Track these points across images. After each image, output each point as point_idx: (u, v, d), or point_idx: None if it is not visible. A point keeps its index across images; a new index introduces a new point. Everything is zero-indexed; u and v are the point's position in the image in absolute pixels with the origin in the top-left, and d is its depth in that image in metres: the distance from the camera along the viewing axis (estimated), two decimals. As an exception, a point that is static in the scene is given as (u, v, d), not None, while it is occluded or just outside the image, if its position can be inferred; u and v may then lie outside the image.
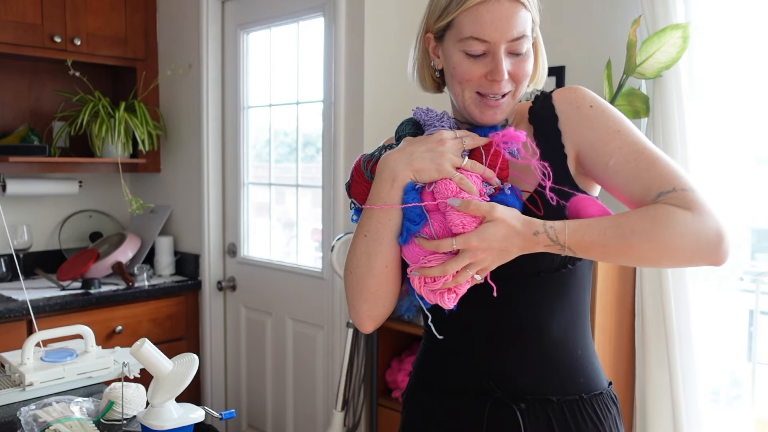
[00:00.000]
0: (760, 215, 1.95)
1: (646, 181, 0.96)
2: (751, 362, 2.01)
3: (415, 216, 0.97)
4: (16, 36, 2.70)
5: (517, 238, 0.93)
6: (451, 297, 0.97)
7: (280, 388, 2.84)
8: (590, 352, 1.09)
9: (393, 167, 0.99)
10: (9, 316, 2.44)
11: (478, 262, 0.94)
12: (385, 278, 1.03)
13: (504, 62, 0.99)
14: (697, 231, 0.91)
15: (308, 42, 2.66)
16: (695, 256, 0.92)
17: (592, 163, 1.02)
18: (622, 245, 0.91)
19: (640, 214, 0.93)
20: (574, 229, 0.92)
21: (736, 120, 1.88)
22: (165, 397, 1.21)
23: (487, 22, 0.97)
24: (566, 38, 2.13)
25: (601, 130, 1.01)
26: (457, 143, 0.98)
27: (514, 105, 1.05)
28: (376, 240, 1.01)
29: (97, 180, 3.27)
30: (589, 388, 1.06)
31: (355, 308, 1.07)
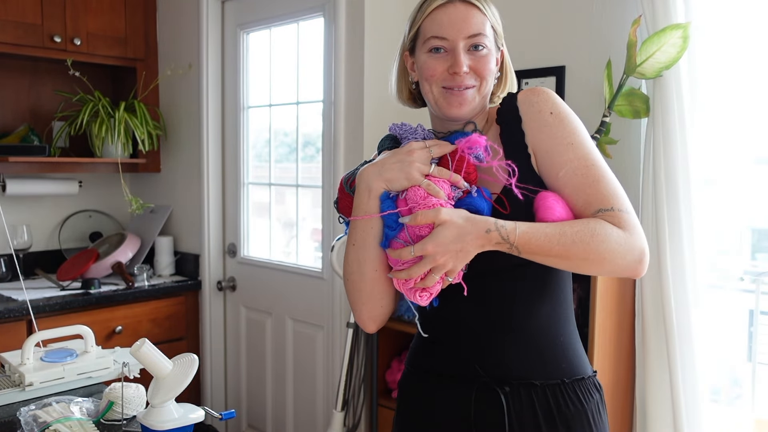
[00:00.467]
0: (760, 215, 1.95)
1: (589, 197, 1.07)
2: (751, 362, 2.01)
3: (392, 222, 1.07)
4: (16, 36, 2.70)
5: (469, 236, 1.01)
6: (425, 296, 1.06)
7: (280, 388, 2.84)
8: (573, 339, 1.16)
9: (367, 179, 1.09)
10: (9, 316, 2.44)
11: (440, 266, 1.02)
12: (377, 281, 1.11)
13: (464, 57, 1.11)
14: (626, 248, 1.04)
15: (308, 42, 2.66)
16: (620, 268, 1.06)
17: (544, 169, 1.11)
18: (562, 252, 1.02)
19: (582, 227, 1.03)
20: (523, 231, 1.02)
21: (736, 120, 1.88)
22: (165, 397, 1.21)
23: (445, 22, 1.12)
24: (566, 38, 2.13)
25: (557, 140, 1.10)
26: (425, 152, 1.08)
27: (480, 101, 1.15)
28: (363, 248, 1.10)
29: (97, 180, 3.27)
30: (571, 373, 1.13)
31: (356, 311, 1.16)
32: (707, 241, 1.85)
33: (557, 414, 1.10)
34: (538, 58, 2.16)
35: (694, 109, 1.81)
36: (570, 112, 1.12)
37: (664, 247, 1.79)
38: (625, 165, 2.00)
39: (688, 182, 1.78)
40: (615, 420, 1.90)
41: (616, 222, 1.04)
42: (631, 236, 1.04)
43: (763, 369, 2.01)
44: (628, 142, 2.00)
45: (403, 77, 1.27)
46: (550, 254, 1.03)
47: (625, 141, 2.00)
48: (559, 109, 1.12)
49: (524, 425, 1.10)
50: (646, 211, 1.87)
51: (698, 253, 1.80)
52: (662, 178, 1.80)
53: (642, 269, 1.07)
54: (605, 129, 1.89)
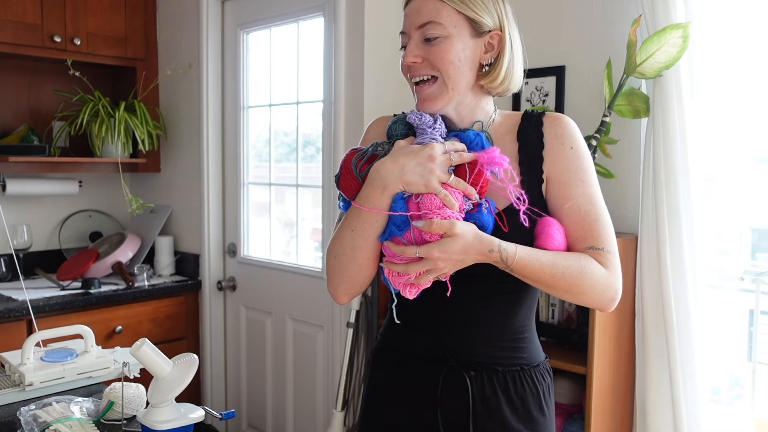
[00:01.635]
0: (760, 215, 1.95)
1: (585, 233, 1.15)
2: (751, 362, 2.01)
3: (400, 222, 1.09)
4: (16, 36, 2.70)
5: (473, 251, 1.07)
6: (413, 291, 1.11)
7: (280, 388, 2.84)
8: (533, 334, 1.27)
9: (384, 177, 1.09)
10: (9, 316, 2.44)
11: (437, 269, 1.07)
12: (366, 267, 1.15)
13: (415, 47, 1.15)
14: (605, 287, 1.15)
15: (308, 42, 2.66)
16: (594, 303, 1.17)
17: (553, 197, 1.18)
18: (550, 281, 1.11)
19: (574, 262, 1.12)
20: (521, 257, 1.08)
21: (736, 120, 1.88)
22: (165, 397, 1.21)
23: (405, 16, 1.18)
24: (566, 38, 2.13)
25: (572, 174, 1.17)
26: (445, 159, 1.09)
27: (453, 93, 1.16)
28: (361, 236, 1.12)
29: (97, 180, 3.27)
30: (528, 361, 1.24)
31: (333, 284, 1.20)
32: (707, 241, 1.85)
33: (514, 394, 1.21)
34: (538, 58, 2.16)
35: (694, 109, 1.81)
36: (586, 148, 1.19)
37: (664, 247, 1.79)
38: (625, 165, 2.00)
39: (688, 182, 1.78)
40: (615, 420, 1.90)
41: (603, 261, 1.14)
42: (612, 277, 1.15)
43: (763, 369, 2.01)
44: (628, 142, 2.00)
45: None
46: (539, 281, 1.11)
47: (625, 141, 2.00)
48: (579, 145, 1.18)
49: (487, 403, 1.20)
50: (646, 211, 1.87)
51: (698, 253, 1.79)
52: (662, 178, 1.80)
53: (611, 307, 1.18)
54: (605, 129, 1.89)
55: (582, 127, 2.05)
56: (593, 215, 1.16)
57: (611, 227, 1.18)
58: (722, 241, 1.96)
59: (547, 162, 1.17)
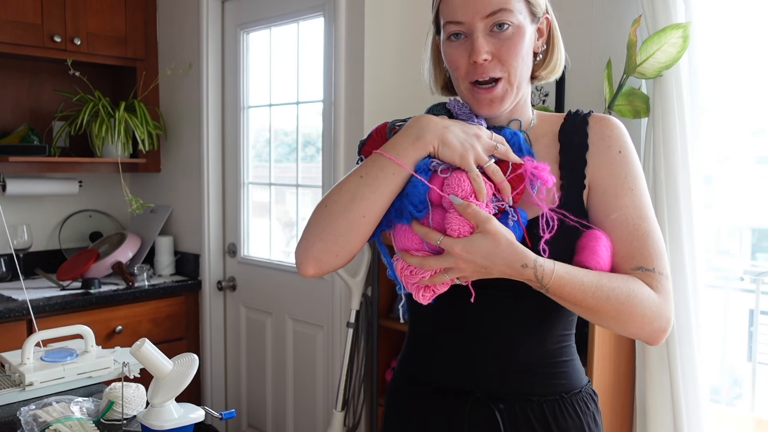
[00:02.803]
0: (760, 215, 1.95)
1: (634, 250, 0.99)
2: (751, 362, 2.01)
3: (419, 202, 0.94)
4: (16, 36, 2.70)
5: (501, 261, 0.91)
6: (428, 294, 0.96)
7: (280, 388, 2.84)
8: (574, 357, 1.10)
9: (423, 126, 0.95)
10: (9, 316, 2.44)
11: (456, 270, 0.92)
12: (356, 227, 0.96)
13: (484, 42, 0.97)
14: (656, 314, 0.97)
15: (308, 42, 2.66)
16: (643, 333, 0.98)
17: (595, 206, 1.02)
18: (593, 306, 0.94)
19: (620, 283, 0.95)
20: (560, 276, 0.92)
21: (736, 120, 1.89)
22: (165, 397, 1.20)
23: (459, 3, 0.97)
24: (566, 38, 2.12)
25: (619, 181, 1.01)
26: (490, 145, 0.96)
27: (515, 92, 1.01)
28: (370, 185, 0.95)
29: (97, 180, 3.27)
30: (569, 387, 1.07)
31: (307, 242, 0.98)
32: (707, 241, 1.85)
33: (555, 427, 1.05)
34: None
35: (694, 109, 1.81)
36: (635, 154, 1.04)
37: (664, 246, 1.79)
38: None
39: (688, 182, 1.78)
40: (615, 420, 1.90)
41: (654, 285, 0.98)
42: (664, 303, 0.98)
43: (763, 369, 2.01)
44: (628, 142, 2.00)
45: (438, 64, 1.11)
46: (579, 305, 0.94)
47: (625, 141, 1.99)
48: (628, 150, 1.03)
49: None
50: (646, 211, 1.87)
51: (698, 253, 1.80)
52: (662, 178, 1.80)
53: (661, 339, 1.00)
54: (605, 129, 1.89)
55: (582, 127, 2.06)
56: (643, 230, 0.99)
57: (663, 246, 1.01)
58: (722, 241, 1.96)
59: (590, 166, 1.02)
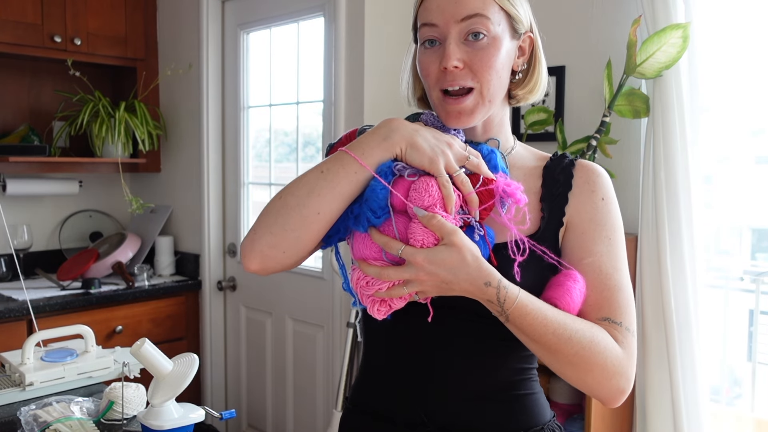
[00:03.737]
0: (760, 215, 1.95)
1: (603, 300, 0.95)
2: (751, 362, 2.01)
3: (378, 208, 0.88)
4: (16, 36, 2.70)
5: (465, 276, 0.85)
6: (383, 309, 0.90)
7: (280, 388, 2.84)
8: (536, 391, 1.04)
9: (393, 128, 0.91)
10: (9, 316, 2.44)
11: (417, 282, 0.86)
12: (308, 224, 0.90)
13: (456, 49, 0.93)
14: (617, 371, 0.92)
15: (308, 42, 2.66)
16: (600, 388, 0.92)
17: (570, 247, 0.98)
18: (552, 344, 0.89)
19: (583, 327, 0.90)
20: (522, 303, 0.87)
21: (736, 120, 1.89)
22: (165, 397, 1.20)
23: (434, 6, 0.94)
24: (566, 38, 2.13)
25: (598, 227, 0.98)
26: (462, 155, 0.91)
27: (487, 106, 0.97)
28: (329, 181, 0.89)
29: (97, 180, 3.27)
30: (529, 423, 1.01)
31: (255, 234, 0.92)
32: (707, 241, 1.85)
33: None
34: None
35: (694, 109, 1.81)
36: (617, 207, 1.01)
37: (664, 247, 1.79)
38: (625, 165, 2.00)
39: (687, 182, 1.78)
40: (615, 420, 1.90)
41: (619, 339, 0.93)
42: (627, 360, 0.93)
43: (763, 369, 2.01)
44: (628, 142, 2.00)
45: (416, 74, 1.07)
46: (538, 341, 0.89)
47: (625, 141, 1.99)
48: (611, 200, 1.00)
49: None
50: (646, 211, 1.87)
51: (698, 253, 1.80)
52: (662, 178, 1.80)
53: (619, 400, 0.94)
54: (605, 129, 1.89)
55: (582, 127, 2.06)
56: (615, 281, 0.95)
57: (633, 303, 0.97)
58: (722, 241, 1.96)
59: (571, 205, 0.99)
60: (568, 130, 2.09)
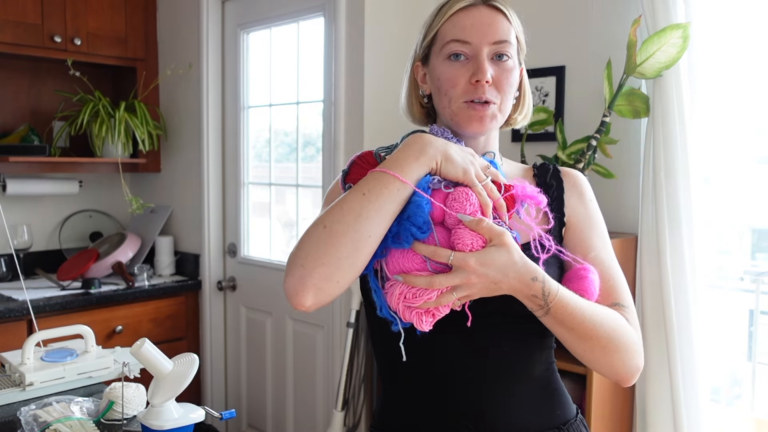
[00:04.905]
0: (760, 215, 1.95)
1: (610, 289, 1.05)
2: (751, 362, 2.01)
3: (423, 223, 0.89)
4: (16, 36, 2.70)
5: (514, 274, 0.89)
6: (429, 319, 0.90)
7: (280, 388, 2.84)
8: (560, 383, 1.11)
9: (427, 142, 0.94)
10: (9, 316, 2.44)
11: (466, 286, 0.88)
12: (362, 248, 0.88)
13: (489, 67, 1.01)
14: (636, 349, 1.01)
15: (308, 42, 2.66)
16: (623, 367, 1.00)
17: (574, 244, 1.08)
18: (588, 330, 0.95)
19: (609, 314, 0.99)
20: (564, 296, 0.93)
21: (736, 120, 1.89)
22: (165, 397, 1.20)
23: (468, 25, 1.02)
24: (566, 38, 2.13)
25: (593, 224, 1.10)
26: (484, 164, 0.97)
27: (498, 123, 1.05)
28: (373, 202, 0.89)
29: (97, 180, 3.27)
30: (563, 418, 1.08)
31: (304, 270, 0.88)
32: (707, 241, 1.85)
33: None
34: (538, 58, 2.16)
35: (694, 109, 1.81)
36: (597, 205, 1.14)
37: (664, 247, 1.79)
38: (625, 165, 2.00)
39: (687, 182, 1.78)
40: (615, 420, 1.90)
41: (629, 319, 1.03)
42: (639, 338, 1.03)
43: (763, 369, 2.01)
44: (628, 142, 2.00)
45: (414, 91, 1.13)
46: (575, 329, 0.94)
47: (625, 141, 2.00)
48: (594, 200, 1.13)
49: None
50: (646, 211, 1.87)
51: (698, 253, 1.80)
52: (662, 178, 1.80)
53: (636, 377, 1.03)
54: (605, 129, 1.89)
55: (582, 127, 2.07)
56: (614, 270, 1.07)
57: (625, 282, 1.09)
58: (722, 241, 1.96)
59: (569, 207, 1.09)
60: (568, 130, 2.09)
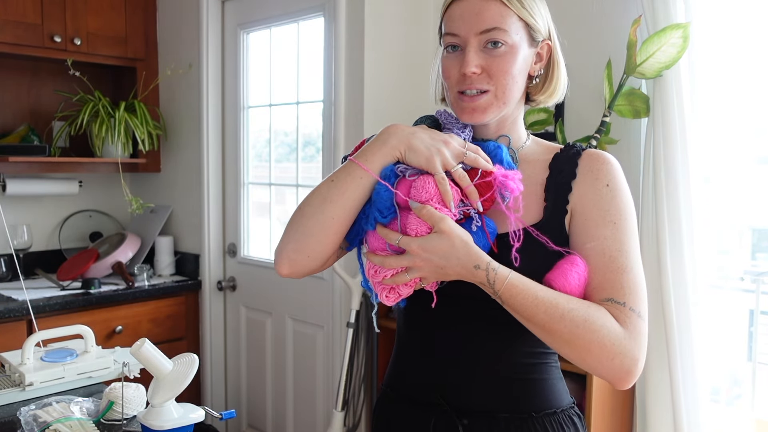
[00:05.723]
0: (760, 215, 1.95)
1: (606, 282, 0.98)
2: (751, 362, 2.01)
3: (385, 208, 0.99)
4: (16, 36, 2.70)
5: (456, 261, 0.93)
6: (392, 296, 0.99)
7: (280, 388, 2.84)
8: (551, 376, 1.08)
9: (391, 133, 1.01)
10: (9, 316, 2.44)
11: (416, 269, 0.96)
12: (326, 228, 1.01)
13: (476, 56, 1.02)
14: (618, 350, 0.94)
15: (308, 42, 2.66)
16: (604, 369, 0.95)
17: (575, 233, 1.03)
18: (545, 323, 0.93)
19: (578, 306, 0.94)
20: (512, 284, 0.93)
21: (736, 120, 1.89)
22: (165, 397, 1.21)
23: (456, 16, 1.03)
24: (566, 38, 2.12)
25: (601, 212, 1.02)
26: (459, 151, 0.99)
27: (502, 107, 1.04)
28: (338, 188, 1.01)
29: (97, 180, 3.27)
30: (542, 406, 1.05)
31: (282, 243, 1.04)
32: (707, 241, 1.85)
33: None
34: (538, 58, 2.16)
35: (694, 109, 1.81)
36: (627, 192, 1.04)
37: (664, 246, 1.79)
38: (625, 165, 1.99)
39: (688, 182, 1.78)
40: (615, 420, 1.90)
41: (622, 319, 0.95)
42: (631, 340, 0.94)
43: (763, 369, 2.01)
44: (628, 142, 2.00)
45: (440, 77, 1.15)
46: (530, 320, 0.94)
47: (625, 141, 1.99)
48: (617, 185, 1.03)
49: None
50: (646, 211, 1.87)
51: (698, 253, 1.80)
52: (662, 178, 1.80)
53: (628, 381, 0.95)
54: (605, 129, 1.89)
55: (582, 127, 2.06)
56: (620, 263, 0.98)
57: (643, 287, 0.99)
58: (722, 241, 1.96)
59: (575, 193, 1.04)
60: (568, 130, 2.09)
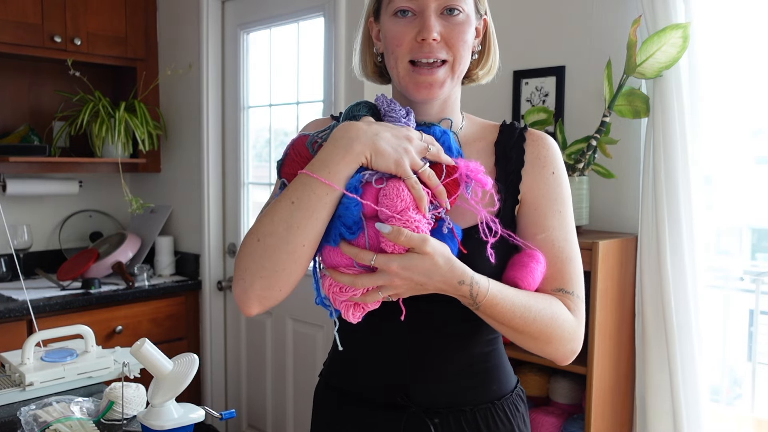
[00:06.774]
0: (760, 215, 1.95)
1: (556, 273, 1.00)
2: (751, 362, 2.01)
3: (352, 223, 0.86)
4: (16, 36, 2.70)
5: (439, 278, 0.87)
6: (357, 313, 0.90)
7: (280, 388, 2.84)
8: (502, 359, 1.11)
9: (353, 137, 0.88)
10: (9, 316, 2.44)
11: (391, 287, 0.87)
12: (297, 258, 0.89)
13: (434, 21, 0.95)
14: (571, 337, 0.99)
15: (308, 42, 2.66)
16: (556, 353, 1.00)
17: (525, 224, 1.02)
18: (520, 326, 0.94)
19: (545, 305, 0.96)
20: (493, 295, 0.91)
21: (736, 120, 1.89)
22: (165, 397, 1.21)
23: None
24: (566, 38, 2.13)
25: (549, 202, 1.02)
26: (422, 146, 0.91)
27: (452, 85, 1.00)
28: (303, 211, 0.86)
29: (97, 180, 3.27)
30: (500, 393, 1.08)
31: (245, 282, 0.91)
32: (707, 241, 1.85)
33: None
34: (538, 58, 2.16)
35: (694, 109, 1.81)
36: (566, 176, 1.05)
37: (664, 246, 1.79)
38: (625, 165, 2.00)
39: (687, 182, 1.78)
40: (615, 420, 1.90)
41: (572, 307, 1.00)
42: (580, 326, 1.00)
43: (763, 369, 2.01)
44: (628, 142, 2.00)
45: (368, 48, 1.08)
46: (506, 324, 0.94)
47: (625, 141, 1.99)
48: (560, 171, 1.04)
49: None
50: (646, 211, 1.87)
51: (698, 253, 1.80)
52: (662, 178, 1.80)
53: (570, 359, 1.03)
54: (605, 129, 1.89)
55: (582, 127, 2.06)
56: (567, 253, 1.00)
57: (581, 270, 1.03)
58: (722, 241, 1.96)
59: (525, 183, 1.02)
60: (568, 130, 2.09)
